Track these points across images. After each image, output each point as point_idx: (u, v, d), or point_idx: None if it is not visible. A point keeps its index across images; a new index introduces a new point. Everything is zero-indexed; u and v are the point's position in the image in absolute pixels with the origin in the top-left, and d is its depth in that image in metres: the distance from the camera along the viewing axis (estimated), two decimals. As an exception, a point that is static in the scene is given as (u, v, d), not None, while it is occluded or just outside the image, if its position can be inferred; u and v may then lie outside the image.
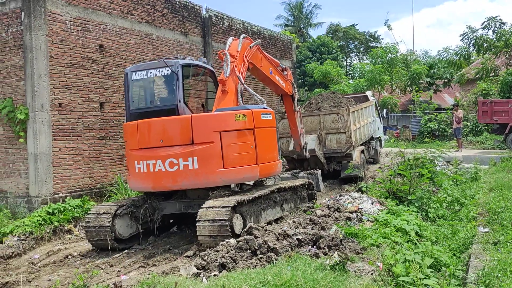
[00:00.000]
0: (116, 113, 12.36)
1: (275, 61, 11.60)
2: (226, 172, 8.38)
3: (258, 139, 8.84)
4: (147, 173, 8.48)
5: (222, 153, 8.33)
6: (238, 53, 9.62)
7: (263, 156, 8.96)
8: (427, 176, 10.76)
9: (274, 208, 9.40)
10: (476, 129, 28.47)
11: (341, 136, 14.19)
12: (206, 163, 8.26)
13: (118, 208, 8.60)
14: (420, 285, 5.17)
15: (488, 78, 29.65)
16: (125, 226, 8.74)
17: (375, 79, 30.40)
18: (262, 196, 8.82)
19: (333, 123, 14.31)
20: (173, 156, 8.30)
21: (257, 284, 4.93)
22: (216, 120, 8.49)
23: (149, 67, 9.38)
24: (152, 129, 8.60)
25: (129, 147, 8.90)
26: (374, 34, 61.47)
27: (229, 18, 17.08)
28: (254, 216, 8.50)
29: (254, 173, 8.86)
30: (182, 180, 8.35)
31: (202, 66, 10.03)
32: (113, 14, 12.28)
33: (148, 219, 8.96)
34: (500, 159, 17.45)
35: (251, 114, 8.76)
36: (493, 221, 8.20)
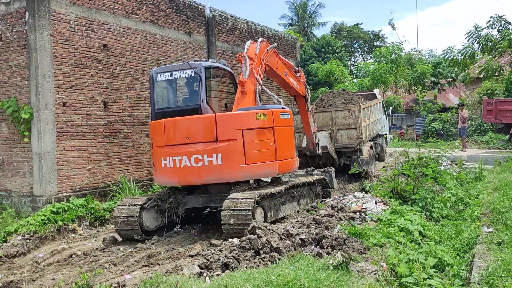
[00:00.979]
0: (120, 112, 12.38)
1: (289, 63, 12.07)
2: (247, 168, 8.86)
3: (277, 137, 9.34)
4: (173, 169, 9.00)
5: (244, 149, 8.82)
6: (256, 56, 10.08)
7: (282, 153, 9.47)
8: (431, 176, 10.75)
9: (291, 203, 9.88)
10: (481, 129, 28.40)
11: (352, 132, 14.64)
12: (229, 159, 8.75)
13: (146, 202, 9.12)
14: (423, 285, 5.16)
15: (493, 77, 29.55)
16: (152, 218, 9.29)
17: (379, 78, 30.39)
18: (282, 191, 9.32)
19: (344, 119, 14.76)
20: (198, 152, 8.81)
21: (260, 283, 4.93)
22: (238, 119, 9.00)
23: (173, 69, 9.84)
24: (179, 127, 9.11)
25: (156, 144, 9.38)
26: (378, 34, 61.37)
27: (233, 18, 17.09)
28: (274, 209, 9.01)
29: (274, 169, 9.32)
30: (207, 175, 8.85)
31: (222, 68, 10.41)
32: (117, 14, 12.30)
33: (172, 212, 9.47)
34: (505, 159, 17.39)
35: (271, 114, 9.26)
36: (497, 221, 8.17)
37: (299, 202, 10.24)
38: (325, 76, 33.69)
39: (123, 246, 8.78)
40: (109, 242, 8.96)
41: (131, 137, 12.69)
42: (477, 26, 28.35)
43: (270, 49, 10.71)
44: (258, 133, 9.05)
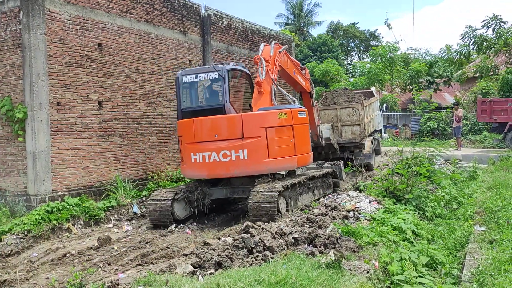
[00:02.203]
0: (114, 111, 12.37)
1: (296, 62, 13.10)
2: (270, 162, 9.77)
3: (296, 134, 10.23)
4: (203, 163, 9.89)
5: (268, 145, 9.70)
6: (270, 58, 10.94)
7: (300, 148, 10.38)
8: (424, 175, 10.79)
9: (308, 193, 10.83)
10: (476, 128, 28.49)
11: (356, 128, 15.61)
12: (254, 154, 9.65)
13: (176, 194, 10.13)
14: (414, 283, 5.21)
15: (487, 76, 29.65)
16: (181, 209, 10.33)
17: (375, 77, 30.46)
18: (300, 182, 10.28)
19: (349, 116, 15.77)
20: (226, 148, 9.71)
21: (252, 282, 4.95)
22: (262, 118, 9.87)
23: (198, 71, 10.69)
24: (208, 125, 9.99)
25: (185, 141, 10.21)
26: (374, 33, 61.47)
27: (228, 17, 17.09)
28: (293, 199, 10.00)
29: (293, 163, 10.27)
30: (234, 169, 9.76)
31: (241, 70, 11.13)
32: (111, 13, 12.29)
33: (199, 203, 10.39)
34: (499, 158, 17.48)
35: (290, 113, 10.16)
36: (489, 220, 8.23)
37: (314, 192, 11.13)
38: (321, 76, 33.74)
39: (117, 245, 8.80)
40: (103, 241, 8.97)
41: (126, 136, 12.69)
42: (471, 27, 28.47)
43: (282, 51, 11.56)
44: (279, 131, 9.93)
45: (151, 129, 13.55)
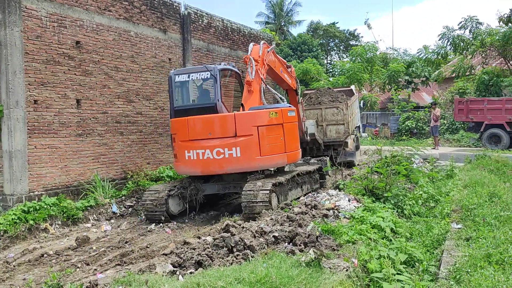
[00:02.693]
0: (93, 110, 12.23)
1: (283, 61, 13.53)
2: (262, 159, 10.19)
3: (285, 132, 10.66)
4: (197, 160, 10.22)
5: (259, 143, 10.09)
6: (259, 57, 11.30)
7: (289, 146, 10.84)
8: (403, 174, 10.91)
9: (296, 188, 11.26)
10: (453, 127, 28.92)
11: (340, 127, 16.15)
12: (247, 152, 10.03)
13: (171, 190, 10.44)
14: (392, 280, 5.26)
15: (464, 77, 30.14)
16: (175, 204, 10.61)
17: (354, 77, 30.69)
18: (290, 179, 10.71)
19: (333, 115, 16.27)
20: (220, 146, 10.05)
21: (233, 281, 4.94)
22: (254, 117, 10.26)
23: (191, 71, 11.02)
24: (202, 124, 10.30)
25: (179, 138, 10.50)
26: (354, 33, 61.96)
27: (208, 16, 17.03)
28: (283, 195, 10.40)
29: (284, 160, 10.78)
30: (227, 166, 10.13)
31: (231, 69, 11.42)
32: (90, 10, 12.14)
33: (192, 198, 10.79)
34: (475, 157, 17.77)
35: (281, 112, 10.56)
36: (466, 217, 8.35)
37: (302, 188, 11.58)
38: (301, 75, 33.87)
39: (95, 245, 8.71)
40: (81, 241, 8.87)
41: (104, 135, 12.56)
42: (449, 28, 28.91)
43: (270, 50, 12.02)
44: (270, 129, 10.34)
45: (131, 128, 13.43)
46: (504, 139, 21.29)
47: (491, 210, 8.32)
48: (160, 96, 14.54)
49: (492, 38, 26.65)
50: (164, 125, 14.72)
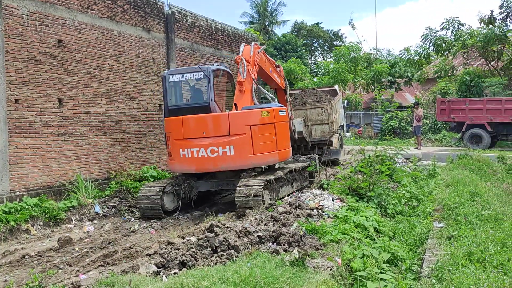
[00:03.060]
0: (76, 109, 12.10)
1: (272, 61, 13.86)
2: (255, 157, 10.52)
3: (277, 131, 10.99)
4: (191, 158, 10.48)
5: (252, 142, 10.40)
6: (251, 58, 11.62)
7: (281, 144, 11.16)
8: (386, 173, 11.00)
9: (287, 186, 11.58)
10: (435, 127, 29.27)
11: (325, 126, 16.53)
12: (240, 150, 10.34)
13: (165, 187, 10.73)
14: (376, 279, 5.30)
15: (446, 77, 30.49)
16: (170, 201, 10.93)
17: (338, 77, 30.85)
18: (281, 176, 10.98)
19: (318, 115, 16.66)
20: (214, 144, 10.34)
21: (217, 281, 4.93)
22: (247, 116, 10.55)
23: (184, 71, 11.32)
24: (196, 123, 10.55)
25: (174, 137, 10.74)
26: (337, 33, 62.26)
27: (192, 15, 16.96)
28: (275, 192, 10.69)
29: (275, 158, 11.09)
30: (221, 164, 10.41)
31: (223, 69, 11.71)
32: (72, 9, 12.01)
33: (186, 195, 11.07)
34: (457, 156, 18.00)
35: (272, 111, 10.87)
36: (448, 216, 8.45)
37: (292, 184, 11.91)
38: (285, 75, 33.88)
39: (78, 246, 8.62)
40: (64, 242, 8.77)
41: (87, 135, 12.43)
42: (431, 29, 29.23)
43: (261, 51, 12.32)
44: (263, 128, 10.64)
45: (114, 128, 13.32)
46: (485, 139, 21.61)
47: (472, 209, 8.43)
48: (144, 95, 14.45)
49: (473, 39, 27.03)
50: (148, 124, 14.63)
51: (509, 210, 8.73)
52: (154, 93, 14.90)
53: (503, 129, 21.65)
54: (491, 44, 26.51)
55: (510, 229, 6.96)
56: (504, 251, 5.68)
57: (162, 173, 14.30)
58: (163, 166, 15.18)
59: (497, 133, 21.90)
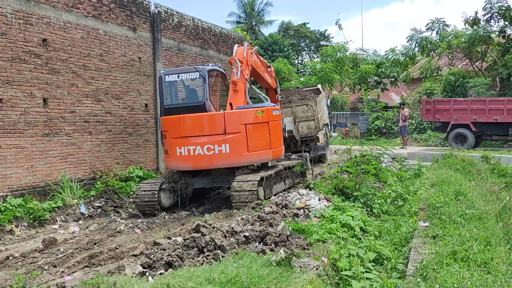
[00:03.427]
0: (60, 109, 11.99)
1: (264, 61, 14.34)
2: (250, 155, 10.88)
3: (271, 129, 11.35)
4: (188, 156, 10.81)
5: (247, 140, 10.74)
6: (244, 59, 11.96)
7: (274, 142, 11.52)
8: (372, 173, 11.06)
9: (280, 182, 11.93)
10: (421, 127, 29.49)
11: (311, 123, 16.97)
12: (236, 148, 10.68)
13: (162, 184, 10.99)
14: (362, 278, 5.33)
15: (431, 77, 30.74)
16: (167, 197, 11.20)
17: (325, 77, 30.93)
18: (274, 173, 11.34)
19: (304, 112, 17.06)
20: (210, 143, 10.68)
21: (203, 281, 4.92)
22: (242, 115, 10.89)
23: (180, 71, 11.68)
24: (193, 122, 10.83)
25: (171, 135, 11.03)
26: (324, 33, 62.42)
27: (179, 14, 16.90)
28: (269, 188, 11.03)
29: (269, 156, 11.45)
30: (217, 161, 10.77)
31: (217, 69, 12.08)
32: (57, 8, 11.90)
33: (182, 192, 11.39)
34: (442, 156, 18.15)
35: (266, 111, 11.23)
36: (433, 215, 8.50)
37: (285, 181, 12.28)
38: (272, 75, 33.92)
39: (63, 246, 8.54)
40: (48, 243, 8.68)
41: (72, 135, 12.33)
42: (416, 30, 29.47)
43: (253, 52, 12.69)
44: (257, 127, 11.00)
45: (99, 128, 13.23)
46: (469, 138, 21.82)
47: (457, 208, 8.49)
48: (130, 95, 14.37)
49: (458, 40, 27.29)
50: (134, 124, 14.56)
51: (492, 209, 8.84)
52: (140, 92, 14.83)
53: (487, 129, 21.89)
54: (475, 45, 26.80)
55: (494, 228, 7.04)
56: (488, 250, 5.74)
57: (148, 173, 14.24)
58: (149, 166, 15.11)
59: (481, 133, 22.13)
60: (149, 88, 15.29)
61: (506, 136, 21.46)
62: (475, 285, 4.52)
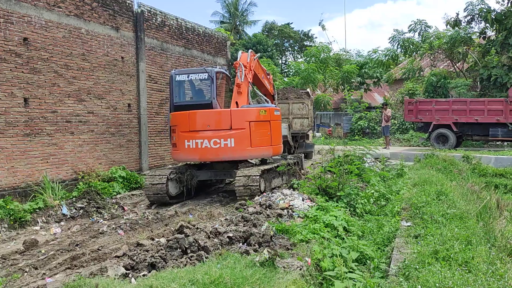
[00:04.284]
0: (42, 109, 11.84)
1: (264, 68, 15.45)
2: (252, 150, 11.69)
3: (272, 128, 12.18)
4: (195, 149, 11.54)
5: (250, 136, 11.54)
6: (248, 64, 12.88)
7: (275, 140, 12.34)
8: (355, 173, 11.13)
9: (278, 178, 12.76)
10: (403, 127, 29.74)
11: (304, 120, 18.26)
12: (240, 143, 11.47)
13: (170, 174, 11.71)
14: (345, 278, 5.36)
15: (414, 78, 31.04)
16: (174, 187, 11.91)
17: (309, 77, 31.03)
18: (273, 168, 12.32)
19: (299, 110, 18.37)
20: (217, 137, 11.44)
21: (186, 283, 4.90)
22: (247, 113, 11.75)
23: (190, 72, 12.68)
24: (202, 117, 11.63)
25: (180, 130, 11.79)
26: (308, 33, 62.62)
27: (162, 14, 16.81)
28: (268, 181, 11.91)
29: (269, 152, 12.22)
30: (223, 155, 11.54)
31: (224, 72, 12.95)
32: (38, 6, 11.74)
33: (188, 183, 12.21)
34: (424, 156, 18.34)
35: (269, 110, 12.11)
36: (415, 215, 8.60)
37: (282, 178, 13.05)
38: (256, 74, 33.94)
39: (44, 248, 8.43)
40: (29, 244, 8.56)
41: (54, 135, 12.18)
42: (399, 31, 29.76)
43: (256, 58, 13.64)
44: (260, 124, 11.82)
45: (82, 128, 13.09)
46: (451, 139, 22.08)
47: (438, 208, 8.60)
48: (113, 95, 14.25)
49: (440, 41, 27.61)
50: (117, 124, 14.44)
51: (473, 208, 8.96)
52: (123, 92, 14.71)
53: (468, 129, 22.17)
54: (456, 46, 27.15)
55: (474, 228, 7.13)
56: (469, 249, 5.82)
57: (132, 173, 14.14)
58: (132, 166, 15.00)
59: (462, 133, 22.41)
60: (132, 88, 15.18)
61: (486, 136, 21.77)
62: (456, 284, 4.58)
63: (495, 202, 10.47)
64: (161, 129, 16.69)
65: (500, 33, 25.25)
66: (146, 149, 15.77)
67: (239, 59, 12.92)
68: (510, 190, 14.22)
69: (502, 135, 21.15)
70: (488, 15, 25.19)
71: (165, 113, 16.83)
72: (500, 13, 25.00)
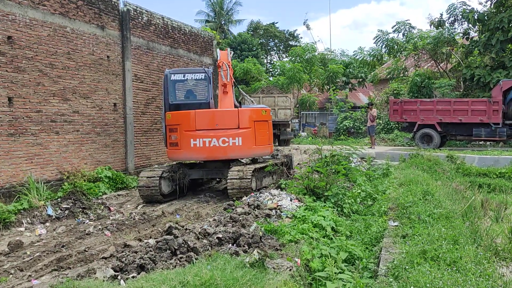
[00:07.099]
0: (26, 108, 11.68)
1: None
2: (256, 148, 12.10)
3: (269, 127, 12.75)
4: (203, 148, 11.66)
5: (255, 135, 11.98)
6: (229, 62, 12.94)
7: (270, 139, 12.86)
8: (342, 173, 11.17)
9: (269, 177, 13.10)
10: (388, 127, 29.97)
11: (287, 111, 20.67)
12: (247, 141, 11.85)
13: (163, 173, 11.83)
14: (335, 279, 5.38)
15: (398, 78, 31.29)
16: (166, 185, 12.06)
17: (294, 77, 31.07)
18: (264, 167, 12.57)
19: (283, 102, 20.96)
20: (225, 136, 11.67)
21: (177, 284, 4.87)
22: (252, 113, 12.21)
23: (186, 72, 12.91)
24: (210, 116, 11.85)
25: (184, 129, 11.80)
26: (293, 33, 62.74)
27: (148, 13, 16.69)
28: (259, 180, 12.17)
29: (269, 150, 12.81)
30: (230, 153, 11.80)
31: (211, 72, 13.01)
32: (22, 4, 11.58)
33: (180, 181, 12.34)
34: (409, 156, 18.50)
35: (267, 111, 12.69)
36: (402, 215, 8.65)
37: (272, 177, 13.35)
38: (242, 74, 33.92)
39: (30, 249, 8.32)
40: (14, 246, 8.44)
41: (39, 135, 12.03)
42: (383, 31, 29.98)
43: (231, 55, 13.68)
44: (261, 124, 12.32)
45: (67, 127, 12.95)
46: (435, 138, 22.31)
47: (425, 207, 8.66)
48: (98, 94, 14.11)
49: (424, 42, 27.87)
50: (102, 124, 14.31)
51: (459, 208, 9.06)
52: (109, 92, 14.59)
53: (452, 129, 22.43)
54: (440, 47, 27.44)
55: (461, 227, 7.21)
56: (456, 249, 5.87)
57: (117, 174, 14.02)
58: (118, 166, 14.88)
59: (446, 133, 22.66)
60: (118, 87, 15.05)
61: (470, 136, 22.04)
62: (446, 285, 4.61)
63: (480, 201, 10.63)
64: (147, 129, 16.58)
65: (483, 34, 25.60)
66: (132, 149, 15.65)
67: (219, 57, 13.04)
68: (494, 190, 14.42)
69: (485, 135, 21.43)
70: (470, 15, 25.51)
71: (151, 113, 16.72)
72: (482, 13, 25.34)
